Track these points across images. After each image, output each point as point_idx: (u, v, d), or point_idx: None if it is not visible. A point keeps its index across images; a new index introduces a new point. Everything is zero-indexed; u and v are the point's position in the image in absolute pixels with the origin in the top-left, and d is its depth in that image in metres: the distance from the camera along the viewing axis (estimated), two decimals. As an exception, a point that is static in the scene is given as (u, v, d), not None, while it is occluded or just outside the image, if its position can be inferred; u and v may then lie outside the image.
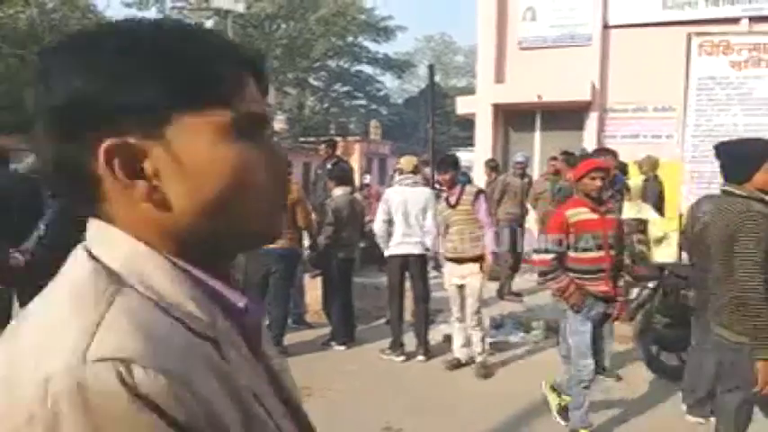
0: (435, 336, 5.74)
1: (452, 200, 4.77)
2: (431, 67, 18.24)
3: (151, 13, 27.15)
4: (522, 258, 7.57)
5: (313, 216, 5.75)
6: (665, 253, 6.43)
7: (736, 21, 8.92)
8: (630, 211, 6.44)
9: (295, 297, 6.00)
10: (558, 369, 4.15)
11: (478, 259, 4.73)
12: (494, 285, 7.51)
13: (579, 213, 3.54)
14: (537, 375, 4.28)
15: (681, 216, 7.83)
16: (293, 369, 0.75)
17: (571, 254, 3.55)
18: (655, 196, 7.45)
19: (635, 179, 7.35)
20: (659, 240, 6.62)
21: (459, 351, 5.01)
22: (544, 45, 10.06)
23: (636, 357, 4.85)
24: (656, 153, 8.22)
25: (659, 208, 7.48)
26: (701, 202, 3.36)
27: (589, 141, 9.65)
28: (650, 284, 4.51)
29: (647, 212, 6.73)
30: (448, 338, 5.79)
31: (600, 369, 4.60)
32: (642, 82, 9.34)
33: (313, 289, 6.10)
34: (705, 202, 3.28)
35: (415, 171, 5.31)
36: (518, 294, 7.28)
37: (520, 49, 10.24)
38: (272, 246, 4.93)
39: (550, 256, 3.55)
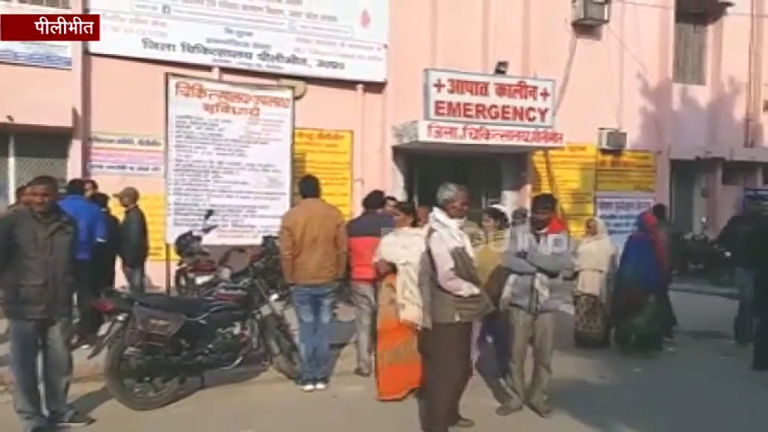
0: None
1: None
2: None
3: None
4: None
5: None
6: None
7: (209, 68, 9.99)
8: None
9: None
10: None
11: None
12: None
13: None
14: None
15: (168, 245, 8.24)
16: None
17: None
18: (139, 227, 7.56)
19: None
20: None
21: None
22: (15, 61, 8.98)
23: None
24: (144, 185, 8.41)
25: (143, 237, 7.62)
26: None
27: (74, 170, 9.12)
28: (120, 317, 4.48)
29: None
30: None
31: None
32: (127, 114, 9.43)
33: None
34: None
35: None
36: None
37: (-16, 61, 8.87)
38: None
39: None
